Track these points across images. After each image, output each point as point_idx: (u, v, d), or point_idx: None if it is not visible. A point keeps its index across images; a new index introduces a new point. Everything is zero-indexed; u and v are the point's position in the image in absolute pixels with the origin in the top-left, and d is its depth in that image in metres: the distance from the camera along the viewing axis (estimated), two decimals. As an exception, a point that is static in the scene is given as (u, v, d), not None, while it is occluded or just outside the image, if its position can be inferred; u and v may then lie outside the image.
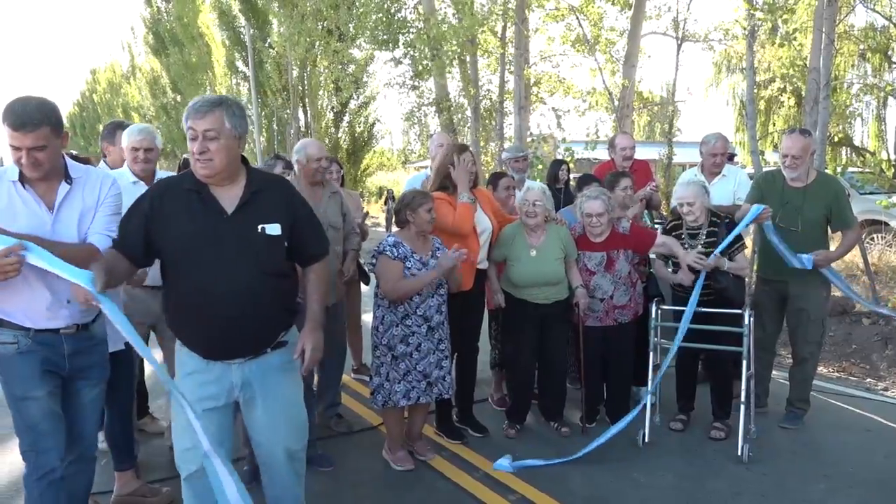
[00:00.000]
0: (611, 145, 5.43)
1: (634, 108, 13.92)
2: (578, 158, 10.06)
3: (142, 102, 37.66)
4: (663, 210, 5.96)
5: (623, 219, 4.23)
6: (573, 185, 5.54)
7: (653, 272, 4.39)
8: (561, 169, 5.99)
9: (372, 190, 29.20)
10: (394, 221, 3.82)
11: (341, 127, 25.30)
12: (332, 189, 4.19)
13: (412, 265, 3.55)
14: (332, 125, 24.83)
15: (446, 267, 3.51)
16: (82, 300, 2.16)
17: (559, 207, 5.00)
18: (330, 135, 24.09)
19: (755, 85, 10.73)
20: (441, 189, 3.95)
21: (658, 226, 4.92)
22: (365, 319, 5.23)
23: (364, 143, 26.16)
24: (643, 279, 4.35)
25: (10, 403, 2.50)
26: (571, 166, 6.88)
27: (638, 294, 4.21)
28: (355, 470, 3.77)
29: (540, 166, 9.52)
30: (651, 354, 4.07)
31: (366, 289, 5.09)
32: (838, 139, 15.73)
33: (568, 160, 7.79)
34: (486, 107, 15.35)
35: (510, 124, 14.11)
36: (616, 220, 4.16)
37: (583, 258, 4.11)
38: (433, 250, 3.67)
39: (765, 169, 7.11)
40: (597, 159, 9.05)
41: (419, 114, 16.52)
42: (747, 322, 3.83)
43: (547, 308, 4.04)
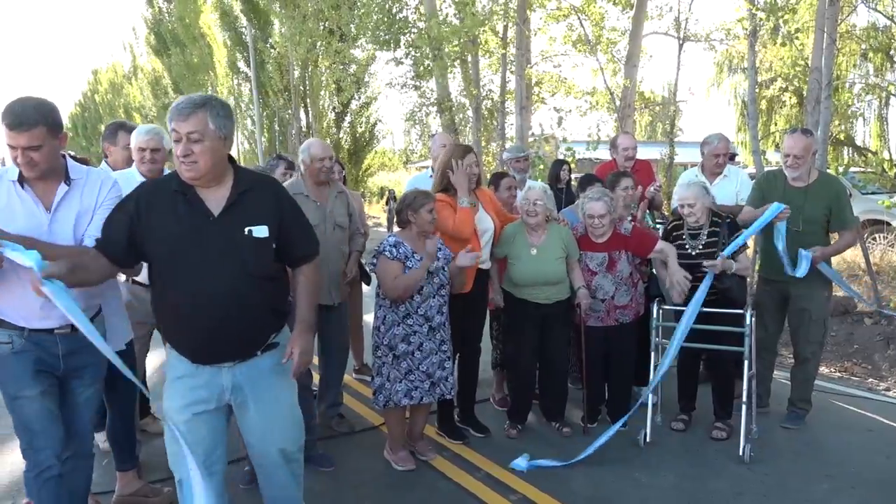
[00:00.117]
0: (613, 145, 5.42)
1: (636, 108, 13.91)
2: (580, 158, 10.05)
3: (143, 103, 37.71)
4: (665, 210, 5.96)
5: (625, 220, 4.23)
6: (575, 185, 5.53)
7: (654, 272, 4.39)
8: (562, 169, 5.99)
9: (373, 190, 29.23)
10: (395, 221, 3.82)
11: (343, 127, 25.35)
12: (339, 189, 4.19)
13: (413, 265, 3.54)
14: (334, 125, 24.88)
15: (433, 252, 3.52)
16: (32, 288, 2.12)
17: (561, 207, 4.99)
18: (331, 135, 24.12)
19: (757, 85, 10.73)
20: (444, 191, 3.94)
21: (660, 226, 4.91)
22: (366, 320, 5.24)
23: (365, 144, 26.22)
24: (644, 279, 4.35)
25: (6, 403, 2.53)
26: (573, 166, 6.88)
27: (639, 294, 4.20)
28: (357, 470, 3.77)
29: (542, 166, 9.53)
30: (652, 354, 4.07)
31: (367, 289, 5.09)
32: (840, 139, 15.73)
33: (569, 160, 7.79)
34: (488, 107, 15.36)
35: (511, 124, 14.13)
36: (618, 221, 4.15)
37: (584, 258, 4.11)
38: (435, 250, 3.66)
39: (766, 169, 7.11)
40: (598, 159, 9.05)
41: (420, 114, 16.54)
42: (749, 322, 3.83)
43: (548, 308, 4.03)
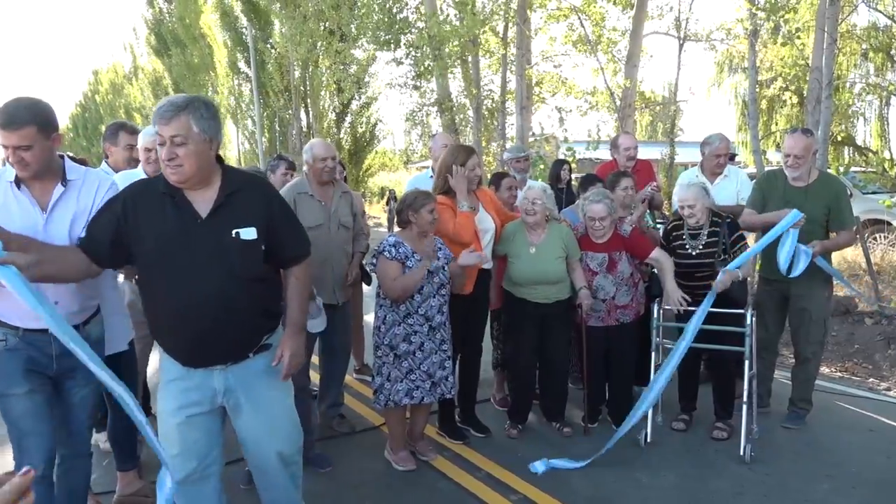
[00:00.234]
0: (614, 145, 5.41)
1: (636, 108, 13.91)
2: (580, 158, 10.06)
3: (144, 103, 37.72)
4: (665, 210, 5.96)
5: (626, 221, 4.22)
6: (575, 185, 5.53)
7: (655, 272, 4.38)
8: (563, 169, 5.99)
9: (374, 190, 29.23)
10: (395, 221, 3.81)
11: (343, 127, 25.36)
12: (343, 189, 4.17)
13: (413, 265, 3.54)
14: (334, 125, 24.88)
15: (430, 252, 3.53)
16: None
17: (561, 207, 5.00)
18: (332, 135, 24.11)
19: (757, 84, 10.72)
20: (444, 193, 3.92)
21: (660, 226, 4.91)
22: (366, 320, 5.24)
23: (366, 144, 26.23)
24: (645, 279, 4.35)
25: None
26: (573, 166, 6.89)
27: (640, 294, 4.20)
28: (357, 470, 3.77)
29: (542, 166, 9.54)
30: (653, 354, 4.07)
31: (367, 289, 5.10)
32: (841, 139, 15.73)
33: (570, 160, 7.79)
34: (488, 107, 15.35)
35: (512, 124, 14.12)
36: (618, 221, 4.15)
37: (585, 258, 4.11)
38: (434, 250, 3.67)
39: (767, 168, 7.11)
40: (598, 159, 9.06)
41: (421, 114, 16.55)
42: (749, 322, 3.83)
43: (547, 308, 4.03)
